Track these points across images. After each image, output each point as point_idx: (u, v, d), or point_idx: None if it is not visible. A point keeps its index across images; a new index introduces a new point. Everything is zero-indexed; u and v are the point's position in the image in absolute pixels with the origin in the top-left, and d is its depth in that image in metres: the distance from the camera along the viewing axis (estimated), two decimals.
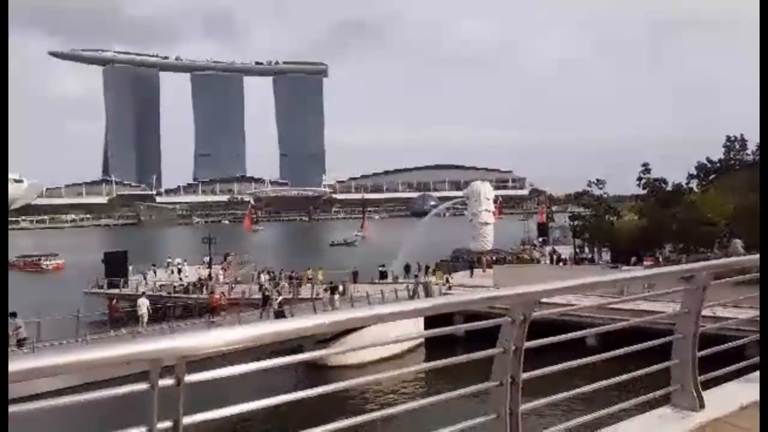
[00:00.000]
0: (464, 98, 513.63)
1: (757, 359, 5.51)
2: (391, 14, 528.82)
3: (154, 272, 51.34)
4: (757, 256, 5.68)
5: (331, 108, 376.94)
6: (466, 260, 53.02)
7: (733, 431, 4.24)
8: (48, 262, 77.77)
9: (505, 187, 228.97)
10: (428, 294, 36.23)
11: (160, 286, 45.45)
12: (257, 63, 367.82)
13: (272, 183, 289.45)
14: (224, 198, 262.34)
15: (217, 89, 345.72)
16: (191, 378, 2.26)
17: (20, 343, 25.71)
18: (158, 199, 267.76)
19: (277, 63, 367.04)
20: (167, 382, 2.20)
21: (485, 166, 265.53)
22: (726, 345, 4.89)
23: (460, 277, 46.21)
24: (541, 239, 72.91)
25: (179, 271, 52.47)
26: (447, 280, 42.18)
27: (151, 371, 2.17)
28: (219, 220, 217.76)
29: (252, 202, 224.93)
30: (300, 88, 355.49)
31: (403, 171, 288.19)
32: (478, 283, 41.41)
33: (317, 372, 24.47)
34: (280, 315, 30.19)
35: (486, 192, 63.59)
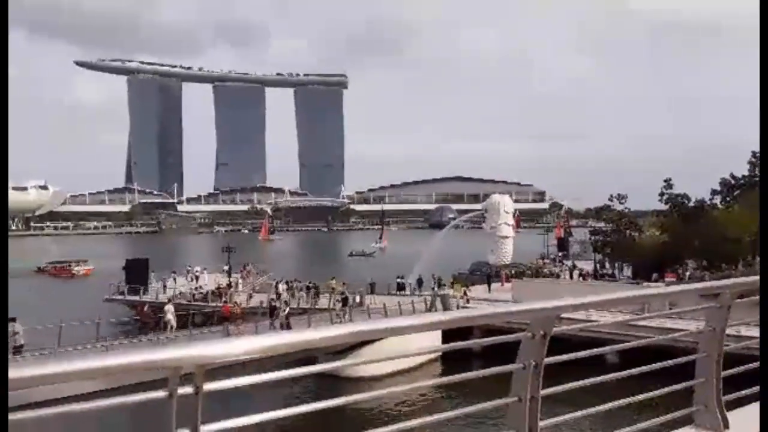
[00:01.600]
0: (485, 109, 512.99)
1: None
2: (412, 25, 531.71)
3: (174, 280, 51.81)
4: None
5: (350, 119, 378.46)
6: (485, 273, 52.63)
7: None
8: (78, 268, 79.10)
9: (524, 201, 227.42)
10: (446, 307, 36.04)
11: (180, 293, 45.84)
12: (278, 74, 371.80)
13: (292, 193, 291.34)
14: (244, 207, 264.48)
15: (239, 100, 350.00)
16: (210, 386, 2.27)
17: (17, 350, 24.18)
18: (179, 207, 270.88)
19: (297, 75, 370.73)
20: (186, 389, 2.22)
21: (504, 179, 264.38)
22: (751, 365, 4.78)
23: (478, 290, 45.88)
24: (560, 254, 72.22)
25: (196, 278, 52.93)
26: (465, 293, 41.90)
27: (170, 379, 2.19)
28: (239, 229, 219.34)
29: (269, 211, 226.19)
30: (320, 100, 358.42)
31: (421, 183, 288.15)
32: (497, 298, 41.07)
33: (331, 383, 24.36)
34: (286, 327, 30.04)
35: (505, 205, 63.13)
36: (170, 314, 32.95)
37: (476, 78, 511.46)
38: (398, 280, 48.32)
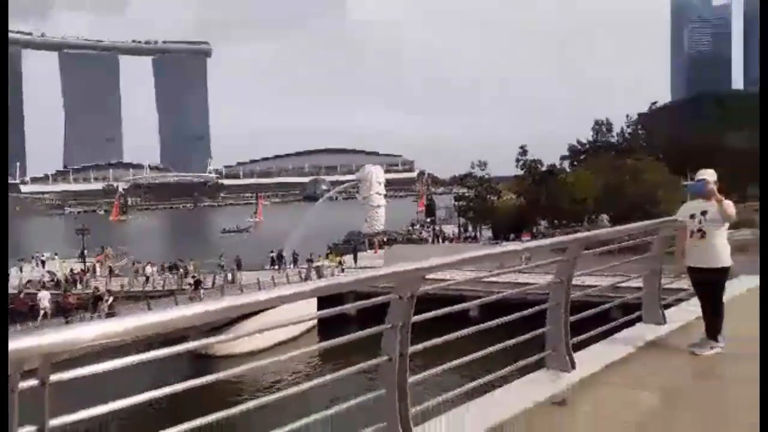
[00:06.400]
0: (359, 83, 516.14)
1: (620, 320, 6.09)
2: None
3: (20, 269, 46.95)
4: (620, 227, 6.24)
5: (217, 91, 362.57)
6: (360, 242, 53.60)
7: (601, 387, 4.65)
8: None
9: (395, 171, 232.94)
10: (320, 278, 36.25)
11: (27, 282, 41.61)
12: (134, 41, 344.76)
13: (152, 169, 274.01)
14: (99, 186, 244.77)
15: (90, 69, 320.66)
16: (57, 377, 2.09)
17: None
18: (23, 188, 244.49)
19: (156, 42, 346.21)
20: (31, 382, 2.03)
21: (375, 150, 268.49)
22: (592, 310, 5.34)
23: (353, 260, 46.56)
24: (428, 219, 75.32)
25: (43, 264, 48.38)
26: (340, 263, 42.38)
27: (10, 373, 1.98)
28: (94, 209, 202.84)
29: (121, 190, 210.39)
30: (182, 69, 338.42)
31: (293, 155, 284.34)
32: (370, 265, 41.96)
33: (203, 363, 23.51)
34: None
35: (377, 175, 64.51)
36: (46, 301, 31.65)
37: (352, 50, 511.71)
38: (270, 254, 47.47)
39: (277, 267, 44.26)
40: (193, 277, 37.17)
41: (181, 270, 40.87)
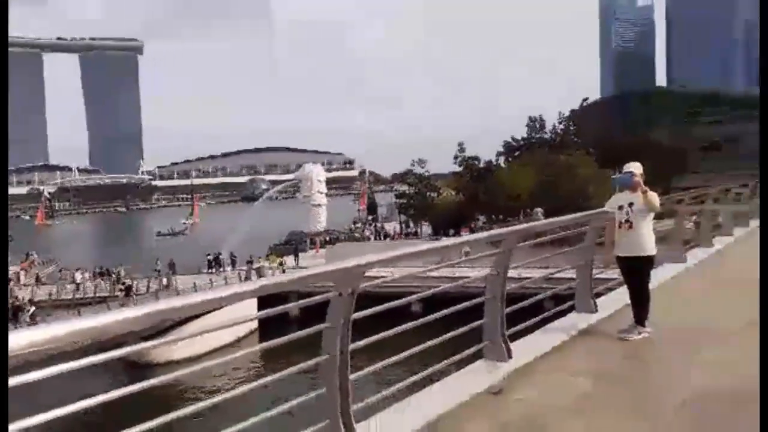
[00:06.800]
0: (296, 83, 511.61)
1: (554, 310, 6.29)
2: None
3: None
4: (553, 219, 6.45)
5: (150, 90, 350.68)
6: (303, 242, 53.16)
7: (537, 375, 4.80)
8: None
9: (335, 169, 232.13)
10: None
11: None
12: (59, 38, 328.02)
13: (81, 171, 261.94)
14: (23, 190, 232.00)
15: (10, 67, 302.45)
16: None
17: None
18: None
19: (83, 38, 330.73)
20: None
21: (315, 149, 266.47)
22: (527, 301, 5.50)
23: (294, 260, 46.07)
24: (370, 217, 75.50)
25: None
26: (281, 264, 41.85)
27: None
28: (18, 215, 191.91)
29: (46, 193, 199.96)
30: (111, 66, 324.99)
31: (231, 155, 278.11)
32: (310, 265, 41.68)
33: (141, 373, 22.75)
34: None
35: (318, 174, 64.09)
36: None
37: (289, 50, 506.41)
38: (207, 257, 46.24)
39: (214, 270, 43.15)
40: (123, 283, 35.76)
41: (114, 276, 39.33)
